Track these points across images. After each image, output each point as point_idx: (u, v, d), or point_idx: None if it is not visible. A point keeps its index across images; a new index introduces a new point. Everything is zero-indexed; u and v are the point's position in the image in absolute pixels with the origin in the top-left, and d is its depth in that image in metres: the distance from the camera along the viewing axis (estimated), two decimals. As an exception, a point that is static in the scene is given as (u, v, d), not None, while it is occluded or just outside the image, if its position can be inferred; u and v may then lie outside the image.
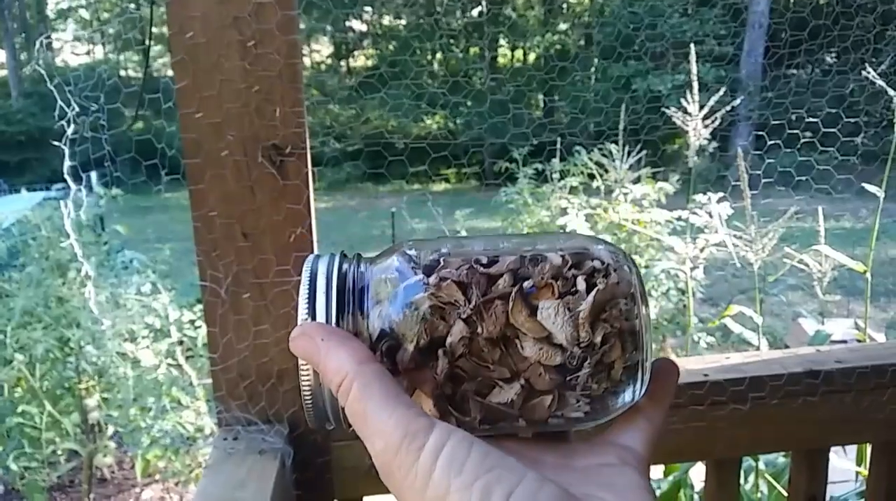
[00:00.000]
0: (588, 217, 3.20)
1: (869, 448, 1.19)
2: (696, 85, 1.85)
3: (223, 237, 0.85)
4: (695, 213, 2.16)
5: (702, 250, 2.18)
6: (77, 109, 0.88)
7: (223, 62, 0.82)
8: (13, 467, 2.38)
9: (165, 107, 0.88)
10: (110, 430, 2.65)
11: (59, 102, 0.92)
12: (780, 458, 1.66)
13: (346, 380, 0.35)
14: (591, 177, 3.30)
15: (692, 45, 1.89)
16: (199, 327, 2.77)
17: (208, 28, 0.81)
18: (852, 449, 1.70)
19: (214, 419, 2.53)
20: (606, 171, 3.11)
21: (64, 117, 0.90)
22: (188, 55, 0.81)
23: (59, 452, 2.61)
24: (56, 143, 0.99)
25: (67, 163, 1.07)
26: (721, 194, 2.32)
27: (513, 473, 0.33)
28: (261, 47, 0.82)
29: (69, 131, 0.90)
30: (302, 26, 0.91)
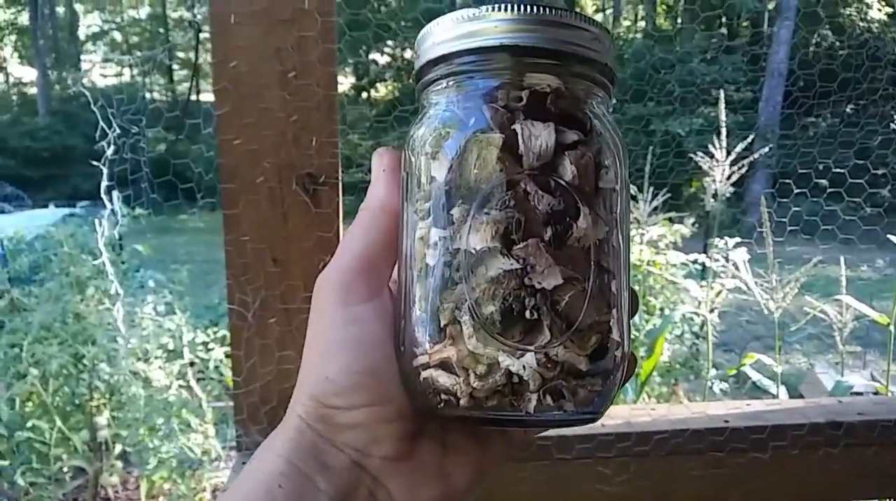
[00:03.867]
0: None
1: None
2: (724, 130, 1.87)
3: (254, 262, 0.87)
4: (713, 258, 2.15)
5: (718, 294, 2.17)
6: (118, 131, 0.91)
7: (264, 91, 0.84)
8: (20, 482, 2.37)
9: (204, 133, 0.90)
10: (118, 449, 2.64)
11: (100, 122, 0.94)
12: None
13: (364, 213, 0.39)
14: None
15: (721, 91, 1.90)
16: (212, 349, 2.77)
17: (251, 58, 0.83)
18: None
19: (221, 443, 2.52)
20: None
21: (105, 137, 0.92)
22: (230, 83, 0.84)
23: (66, 469, 2.60)
24: (95, 163, 1.01)
25: (105, 183, 1.09)
26: (738, 239, 2.32)
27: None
28: (301, 78, 0.84)
29: (109, 152, 0.92)
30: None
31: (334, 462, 0.37)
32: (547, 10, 0.34)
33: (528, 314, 0.33)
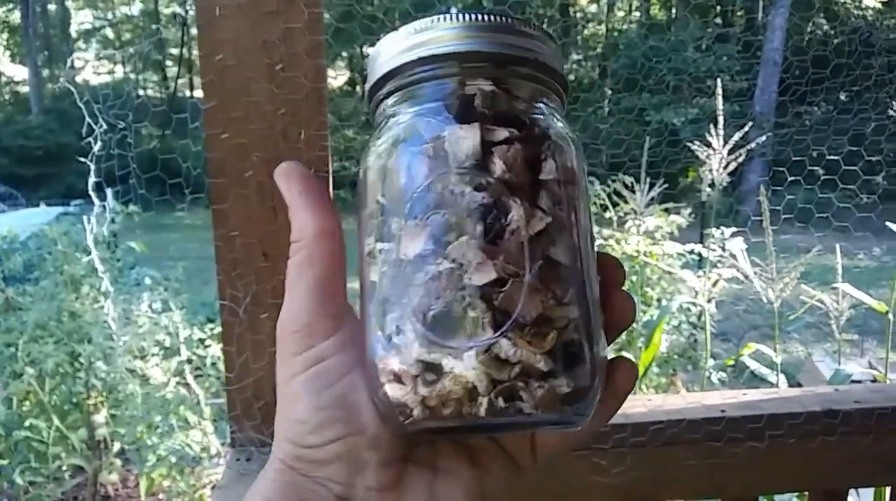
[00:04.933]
0: (600, 248, 3.19)
1: (888, 492, 1.17)
2: (721, 119, 1.86)
3: (244, 257, 0.86)
4: (710, 248, 2.15)
5: (715, 284, 2.17)
6: (105, 126, 0.89)
7: (251, 84, 0.83)
8: (18, 481, 2.37)
9: (192, 128, 0.89)
10: (116, 447, 2.64)
11: (87, 119, 0.93)
12: (795, 499, 1.63)
13: (298, 246, 0.38)
14: (605, 208, 3.31)
15: (718, 80, 1.90)
16: (209, 346, 2.77)
17: (238, 51, 0.82)
18: (866, 494, 1.66)
19: (220, 439, 2.52)
20: (617, 204, 3.12)
21: (91, 133, 0.91)
22: (217, 77, 0.83)
23: (65, 468, 2.60)
24: (83, 160, 1.00)
25: (93, 179, 1.08)
26: (734, 229, 2.31)
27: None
28: (288, 71, 0.83)
29: (96, 148, 0.91)
30: (329, 52, 0.93)
31: (318, 499, 0.36)
32: (489, 17, 0.35)
33: (468, 313, 0.32)
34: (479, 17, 0.35)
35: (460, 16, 0.35)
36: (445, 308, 0.32)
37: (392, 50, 0.36)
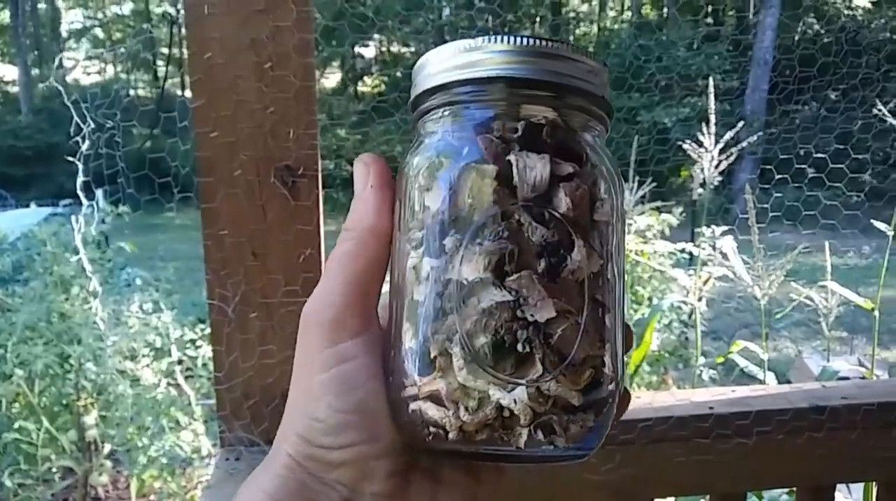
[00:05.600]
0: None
1: (875, 488, 1.18)
2: (713, 118, 1.87)
3: (233, 256, 0.86)
4: (701, 247, 2.16)
5: (705, 283, 2.17)
6: (92, 125, 0.89)
7: (240, 83, 0.83)
8: (7, 483, 2.35)
9: (180, 126, 0.89)
10: (107, 449, 2.63)
11: (75, 118, 0.93)
12: (784, 496, 1.64)
13: (350, 236, 0.37)
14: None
15: (710, 79, 1.90)
16: (200, 347, 2.76)
17: (226, 49, 0.82)
18: (857, 489, 1.68)
19: (212, 440, 2.51)
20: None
21: (79, 133, 0.90)
22: (205, 75, 0.83)
23: (55, 469, 2.58)
24: (71, 159, 0.99)
25: (81, 179, 1.08)
26: (725, 227, 2.32)
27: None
28: (277, 69, 0.83)
29: (83, 147, 0.91)
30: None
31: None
32: (544, 42, 0.34)
33: (520, 347, 0.32)
34: (537, 40, 0.34)
35: (522, 39, 0.34)
36: (499, 339, 0.32)
37: (448, 64, 0.35)
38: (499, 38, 0.34)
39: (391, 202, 0.37)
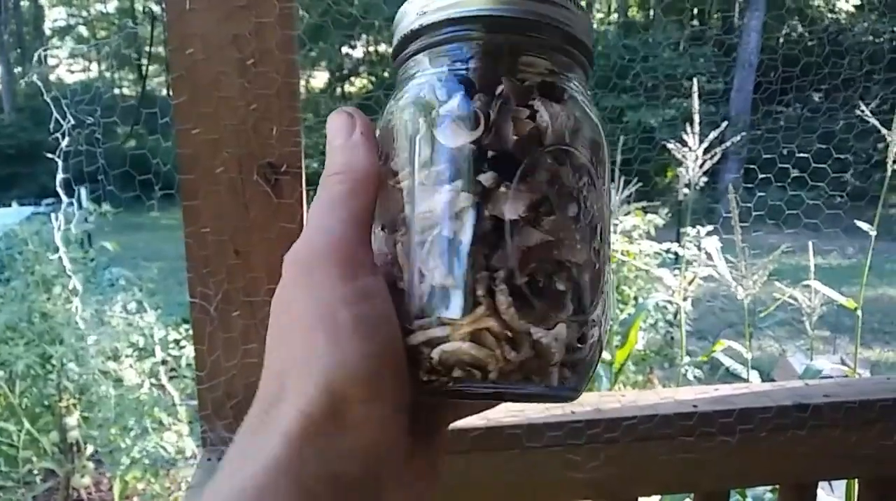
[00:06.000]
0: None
1: (857, 485, 1.18)
2: (696, 118, 1.88)
3: (215, 254, 0.85)
4: (686, 247, 2.17)
5: (690, 282, 2.19)
6: (72, 122, 0.88)
7: (222, 79, 0.82)
8: (-13, 485, 2.33)
9: (161, 123, 0.88)
10: (89, 450, 2.60)
11: (55, 115, 0.92)
12: (768, 493, 1.65)
13: (342, 178, 0.35)
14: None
15: (694, 80, 1.91)
16: (184, 347, 2.74)
17: (208, 45, 0.81)
18: (839, 487, 1.69)
19: (196, 441, 2.49)
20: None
21: (59, 130, 0.89)
22: (187, 72, 0.82)
23: (36, 471, 2.55)
24: (50, 156, 0.98)
25: (60, 176, 1.07)
26: (710, 227, 2.34)
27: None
28: (260, 65, 0.82)
29: (63, 144, 0.89)
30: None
31: (344, 474, 0.30)
32: None
33: (561, 286, 0.33)
34: None
35: None
36: (542, 278, 0.33)
37: (423, 5, 0.36)
38: None
39: (377, 150, 0.36)
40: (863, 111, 1.55)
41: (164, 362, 2.62)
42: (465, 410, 0.41)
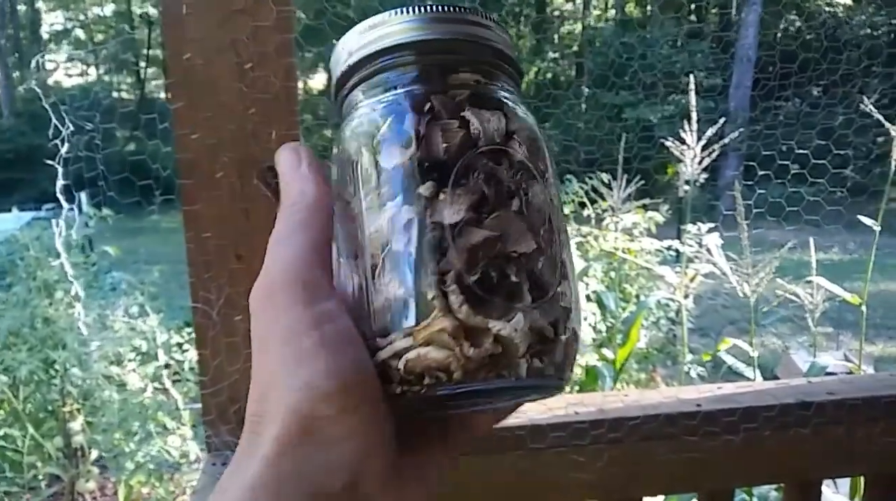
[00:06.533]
0: (579, 245, 3.21)
1: (862, 481, 1.18)
2: (694, 115, 1.88)
3: (216, 259, 0.85)
4: (687, 244, 2.17)
5: (692, 280, 2.18)
6: (71, 128, 0.88)
7: (220, 83, 0.82)
8: (-8, 491, 2.33)
9: (161, 128, 0.88)
10: (93, 455, 2.60)
11: (54, 120, 0.92)
12: (773, 492, 1.65)
13: (296, 209, 0.37)
14: (582, 205, 3.32)
15: (691, 76, 1.91)
16: (187, 351, 2.74)
17: (205, 50, 0.81)
18: (844, 484, 1.69)
19: (200, 445, 2.49)
20: (595, 201, 3.14)
21: (58, 135, 0.89)
22: (185, 76, 0.82)
23: (41, 477, 2.55)
24: (50, 162, 0.98)
25: (60, 182, 1.06)
26: (711, 224, 2.33)
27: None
28: (258, 70, 0.82)
29: (63, 150, 0.89)
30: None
31: (323, 489, 0.32)
32: (438, 7, 0.38)
33: (513, 278, 0.34)
34: (434, 8, 0.37)
35: (414, 8, 0.37)
36: (491, 273, 0.34)
37: (353, 45, 0.38)
38: (405, 9, 0.38)
39: (325, 177, 0.38)
40: (865, 105, 1.54)
41: (167, 366, 2.62)
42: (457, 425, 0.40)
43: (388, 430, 0.34)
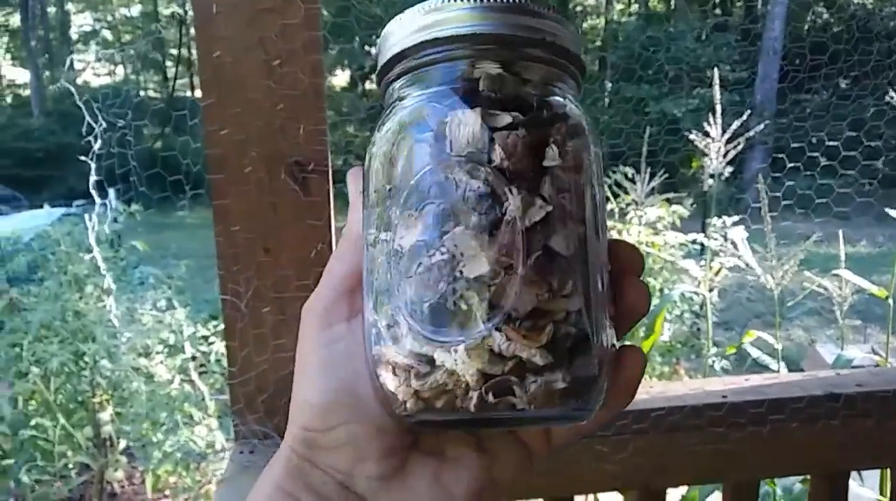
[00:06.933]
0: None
1: (889, 474, 1.17)
2: (718, 108, 1.86)
3: (244, 252, 0.86)
4: (712, 237, 2.15)
5: (717, 273, 2.17)
6: (104, 125, 0.90)
7: (248, 81, 0.83)
8: (25, 479, 2.38)
9: (191, 125, 0.89)
10: (122, 444, 2.65)
11: (87, 118, 0.94)
12: (798, 485, 1.64)
13: (343, 240, 0.40)
14: (606, 199, 3.30)
15: (715, 69, 1.89)
16: (213, 343, 2.78)
17: (235, 48, 0.83)
18: (869, 477, 1.67)
19: (225, 435, 2.53)
20: (619, 195, 3.12)
21: (91, 132, 0.91)
22: (214, 74, 0.83)
23: (71, 465, 2.61)
24: (83, 158, 1.00)
25: (93, 178, 1.09)
26: (737, 217, 2.31)
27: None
28: (286, 66, 0.83)
29: (95, 147, 0.91)
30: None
31: (321, 486, 0.37)
32: None
33: (457, 305, 0.31)
34: None
35: None
36: (439, 300, 0.31)
37: (401, 31, 0.35)
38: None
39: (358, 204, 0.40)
40: (892, 97, 1.52)
41: (193, 358, 2.66)
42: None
43: (385, 441, 0.36)
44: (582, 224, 0.33)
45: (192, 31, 0.85)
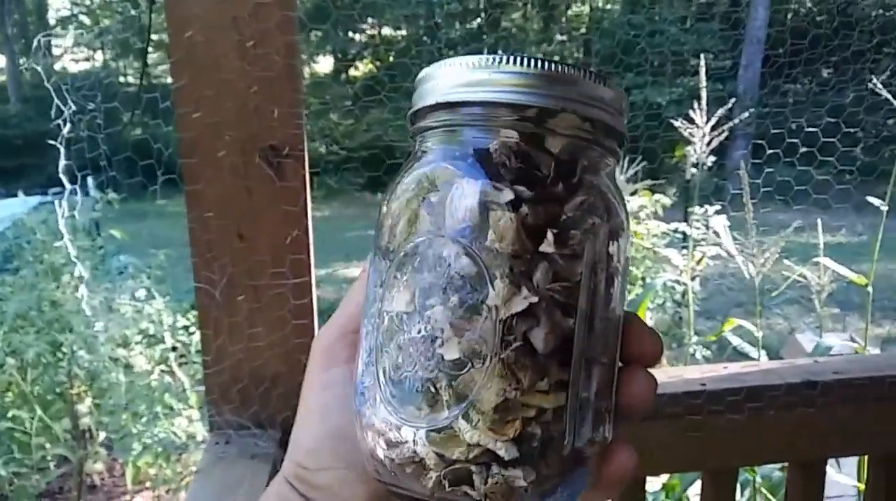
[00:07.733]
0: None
1: (867, 461, 1.18)
2: (704, 95, 1.85)
3: (218, 238, 0.85)
4: (694, 226, 2.15)
5: (698, 262, 2.17)
6: (74, 108, 0.87)
7: (222, 62, 0.81)
8: (2, 472, 2.35)
9: (163, 108, 0.87)
10: (101, 436, 2.63)
11: (56, 101, 0.91)
12: (777, 473, 1.65)
13: (357, 280, 0.41)
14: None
15: (702, 57, 1.88)
16: (193, 333, 2.75)
17: (207, 28, 0.80)
18: (846, 464, 1.69)
19: (206, 425, 2.51)
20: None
21: (60, 116, 0.89)
22: (186, 55, 0.81)
23: (49, 458, 2.58)
24: (52, 142, 0.98)
25: (63, 163, 1.06)
26: (719, 206, 2.32)
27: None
28: (260, 47, 0.81)
29: (65, 131, 0.89)
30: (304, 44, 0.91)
31: None
32: (539, 63, 0.31)
33: (429, 387, 0.30)
34: (533, 63, 0.31)
35: (515, 60, 0.31)
36: (413, 376, 0.31)
37: (439, 81, 0.33)
38: (496, 59, 0.32)
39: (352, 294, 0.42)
40: (874, 84, 1.52)
41: (173, 348, 2.63)
42: None
43: (371, 486, 0.36)
44: (572, 316, 0.31)
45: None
